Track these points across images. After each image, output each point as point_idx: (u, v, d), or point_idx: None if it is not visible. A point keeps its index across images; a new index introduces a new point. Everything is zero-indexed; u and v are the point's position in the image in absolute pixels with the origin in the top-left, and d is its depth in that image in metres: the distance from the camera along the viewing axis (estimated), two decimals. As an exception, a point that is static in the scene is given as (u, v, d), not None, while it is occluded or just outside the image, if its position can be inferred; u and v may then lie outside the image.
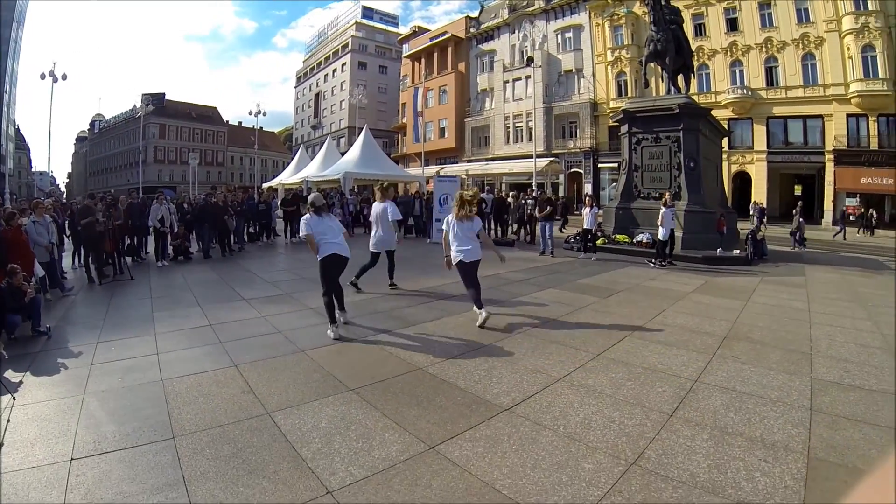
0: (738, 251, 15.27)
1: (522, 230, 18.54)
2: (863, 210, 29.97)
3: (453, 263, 7.24)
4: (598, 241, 15.15)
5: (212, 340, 6.10)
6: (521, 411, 4.12)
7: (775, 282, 11.20)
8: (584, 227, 14.38)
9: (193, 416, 4.01)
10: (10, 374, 5.01)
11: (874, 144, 30.62)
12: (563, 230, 20.54)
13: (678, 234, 15.25)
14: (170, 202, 14.47)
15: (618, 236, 16.50)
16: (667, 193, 14.08)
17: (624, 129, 18.11)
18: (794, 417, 4.04)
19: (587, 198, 16.00)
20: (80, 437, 3.67)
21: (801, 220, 18.85)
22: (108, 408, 4.20)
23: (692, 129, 16.59)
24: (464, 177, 36.38)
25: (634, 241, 15.65)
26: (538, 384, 4.71)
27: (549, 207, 14.80)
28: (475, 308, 6.81)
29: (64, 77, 34.67)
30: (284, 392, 4.49)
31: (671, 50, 18.05)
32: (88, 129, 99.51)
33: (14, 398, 4.32)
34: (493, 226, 19.17)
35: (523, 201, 19.13)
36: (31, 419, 3.99)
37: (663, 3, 18.63)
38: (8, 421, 3.90)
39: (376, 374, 4.90)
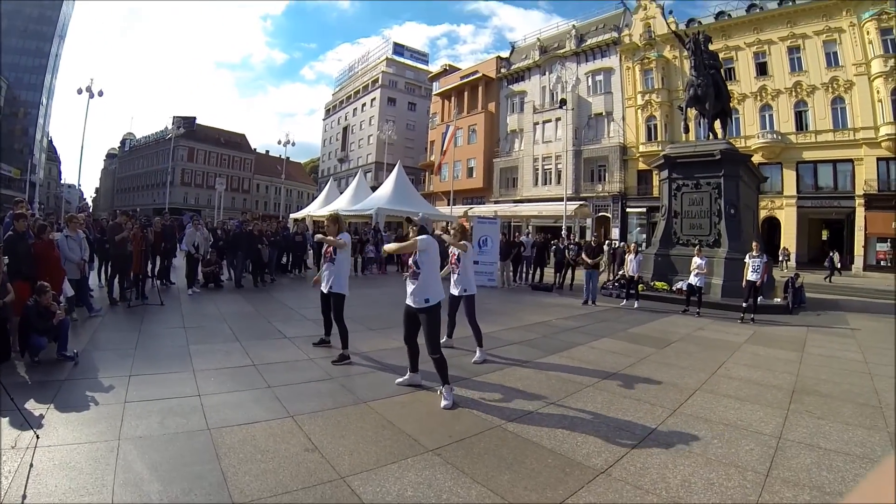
0: (778, 299, 14.96)
1: (559, 275, 17.94)
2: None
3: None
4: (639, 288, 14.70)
5: (259, 384, 5.57)
6: (617, 474, 3.81)
7: (823, 332, 11.07)
8: (628, 273, 13.98)
9: (253, 479, 3.45)
10: (32, 405, 4.48)
11: (905, 188, 29.96)
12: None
13: (717, 281, 14.92)
14: (203, 227, 14.19)
15: (656, 283, 16.14)
16: (696, 249, 13.96)
17: (664, 174, 17.94)
18: (886, 474, 3.82)
19: (633, 244, 15.70)
20: (119, 497, 3.11)
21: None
22: (149, 460, 3.61)
23: (733, 175, 16.44)
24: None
25: (674, 288, 15.25)
26: (626, 443, 4.41)
27: (600, 256, 14.37)
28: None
29: (101, 93, 35.29)
30: (355, 452, 3.98)
31: (711, 95, 17.98)
32: (119, 147, 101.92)
33: (37, 436, 3.77)
34: (533, 270, 18.81)
35: (562, 245, 18.75)
36: (59, 466, 3.45)
37: (703, 48, 18.56)
38: (31, 466, 3.40)
39: (453, 432, 4.45)
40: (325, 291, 7.12)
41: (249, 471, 3.55)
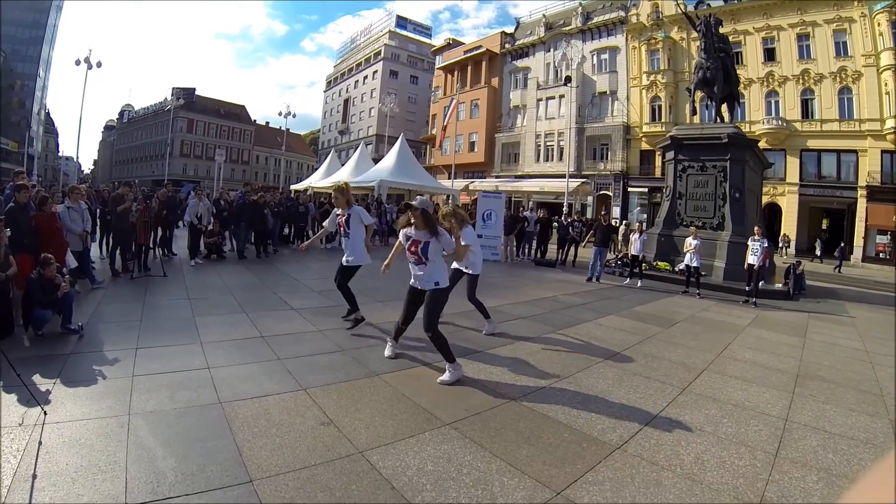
0: (779, 285, 15.04)
1: (561, 251, 17.94)
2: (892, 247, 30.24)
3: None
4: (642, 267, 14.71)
5: (268, 356, 5.49)
6: (632, 450, 3.87)
7: (823, 319, 11.22)
8: (632, 253, 13.99)
9: (270, 453, 3.38)
10: (37, 380, 4.36)
11: (908, 182, 30.05)
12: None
13: (720, 264, 14.93)
14: (206, 198, 14.02)
15: (659, 263, 16.14)
16: (692, 227, 14.17)
17: (669, 155, 17.87)
18: (888, 458, 3.98)
19: (637, 223, 15.66)
20: (133, 475, 3.00)
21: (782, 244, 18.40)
22: (161, 435, 3.52)
23: (739, 159, 16.38)
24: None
25: (676, 269, 15.24)
26: (638, 419, 4.48)
27: (608, 233, 14.26)
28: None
29: (99, 65, 34.85)
30: (371, 425, 3.93)
31: (720, 78, 17.82)
32: (117, 119, 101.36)
33: (45, 412, 3.67)
34: (536, 245, 18.71)
35: (566, 222, 18.69)
36: (68, 444, 3.33)
37: (714, 31, 18.36)
38: (40, 443, 3.29)
39: (469, 406, 4.42)
40: (344, 263, 6.97)
41: (265, 445, 3.49)
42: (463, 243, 5.68)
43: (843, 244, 28.69)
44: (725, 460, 3.77)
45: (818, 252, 30.98)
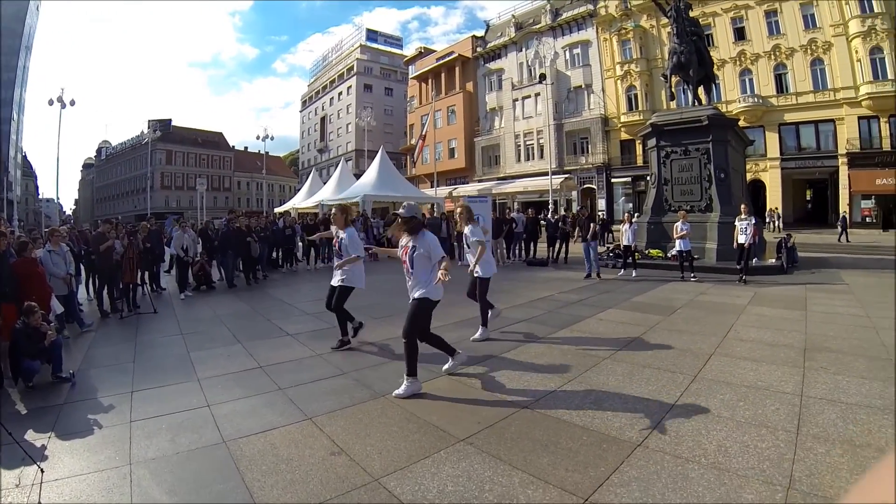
0: (772, 260, 15.07)
1: (552, 249, 17.85)
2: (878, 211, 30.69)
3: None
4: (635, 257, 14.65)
5: (269, 387, 5.31)
6: (653, 445, 3.78)
7: (821, 290, 11.26)
8: (624, 243, 13.93)
9: (282, 492, 3.21)
10: (31, 436, 4.19)
11: (886, 145, 30.43)
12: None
13: (712, 246, 14.93)
14: (190, 228, 13.79)
15: (651, 251, 16.12)
16: (681, 211, 14.25)
17: (651, 142, 17.92)
18: (909, 423, 4.04)
19: (626, 214, 15.63)
20: None
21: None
22: (165, 483, 3.37)
23: (721, 140, 16.45)
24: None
25: (669, 255, 15.21)
26: (655, 412, 4.38)
27: (592, 226, 14.11)
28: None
29: (72, 103, 34.52)
30: (383, 450, 3.77)
31: (694, 62, 18.00)
32: (95, 156, 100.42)
33: (41, 469, 3.42)
34: (525, 245, 18.60)
35: (554, 219, 18.61)
36: (69, 501, 3.21)
37: (684, 15, 18.44)
38: None
39: (481, 419, 4.28)
40: (334, 285, 6.84)
41: (276, 483, 3.33)
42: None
43: (843, 214, 28.81)
44: (748, 444, 3.71)
45: (776, 223, 31.39)
